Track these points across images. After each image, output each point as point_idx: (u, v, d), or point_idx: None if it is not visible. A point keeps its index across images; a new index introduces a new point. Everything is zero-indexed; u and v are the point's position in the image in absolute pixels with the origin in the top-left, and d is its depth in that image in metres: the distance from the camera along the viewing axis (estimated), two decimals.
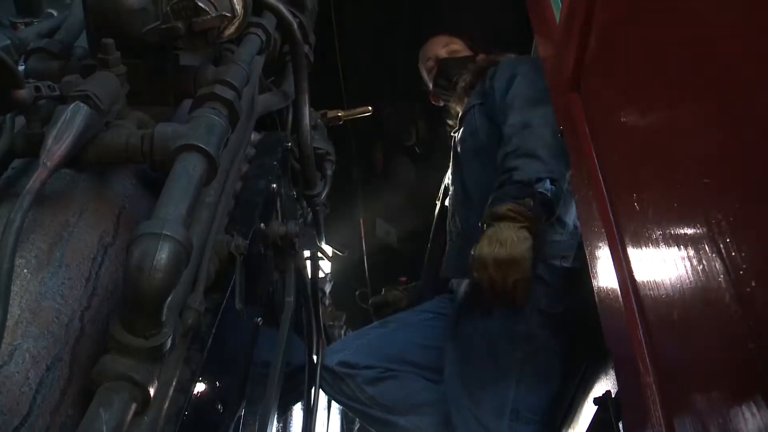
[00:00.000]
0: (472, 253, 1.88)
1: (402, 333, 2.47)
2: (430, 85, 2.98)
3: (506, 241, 1.83)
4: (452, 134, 2.74)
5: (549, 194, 1.93)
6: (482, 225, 1.95)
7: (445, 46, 2.95)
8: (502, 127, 2.18)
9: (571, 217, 2.16)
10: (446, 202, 2.82)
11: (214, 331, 1.00)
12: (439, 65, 2.90)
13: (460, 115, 2.65)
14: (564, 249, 2.08)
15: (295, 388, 2.10)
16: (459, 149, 2.56)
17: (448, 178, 2.78)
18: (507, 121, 2.15)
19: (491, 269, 1.83)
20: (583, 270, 1.78)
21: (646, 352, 0.92)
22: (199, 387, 0.94)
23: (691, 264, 0.75)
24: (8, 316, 0.68)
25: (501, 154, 2.09)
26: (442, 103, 2.95)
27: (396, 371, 2.32)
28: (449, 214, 2.64)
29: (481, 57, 2.80)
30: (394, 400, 2.28)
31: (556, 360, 2.01)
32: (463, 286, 2.33)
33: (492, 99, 2.35)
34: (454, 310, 2.35)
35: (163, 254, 0.73)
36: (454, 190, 2.58)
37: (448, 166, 2.82)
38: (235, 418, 1.19)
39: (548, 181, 1.93)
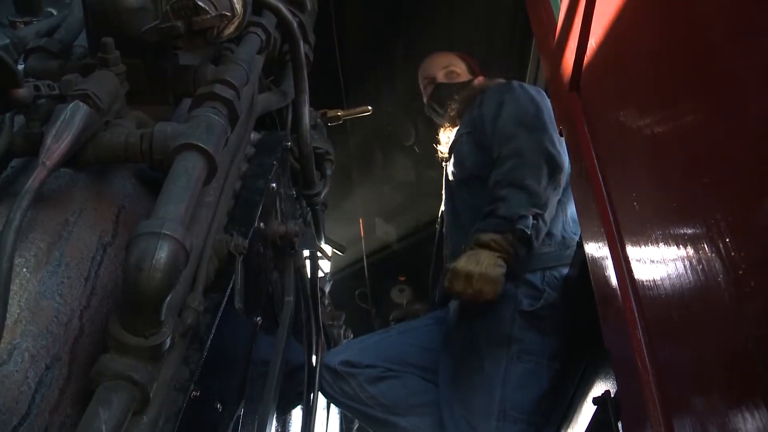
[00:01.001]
0: (448, 266, 2.03)
1: (404, 336, 2.51)
2: (425, 100, 3.01)
3: (483, 262, 2.00)
4: (443, 163, 2.77)
5: (528, 231, 2.03)
6: (464, 248, 2.09)
7: (443, 68, 2.92)
8: (495, 152, 2.24)
9: (559, 228, 2.19)
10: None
11: (213, 330, 1.00)
12: (434, 90, 2.91)
13: (450, 143, 2.67)
14: (552, 260, 2.12)
15: (295, 389, 2.11)
16: (450, 177, 2.60)
17: (443, 204, 2.80)
18: (502, 146, 2.21)
19: (461, 282, 2.01)
20: (579, 275, 1.79)
21: (645, 351, 0.92)
22: (199, 386, 0.94)
23: (691, 264, 0.75)
24: (7, 315, 0.68)
25: (492, 179, 2.17)
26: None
27: (397, 371, 2.34)
28: (444, 239, 2.68)
29: (475, 82, 2.81)
30: (394, 399, 2.30)
31: (542, 361, 2.03)
32: (456, 302, 2.37)
33: (481, 126, 2.38)
34: (448, 321, 2.38)
35: (162, 253, 0.73)
36: (447, 216, 2.64)
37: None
38: (234, 418, 1.19)
39: (530, 218, 2.02)
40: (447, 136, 2.74)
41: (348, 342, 2.86)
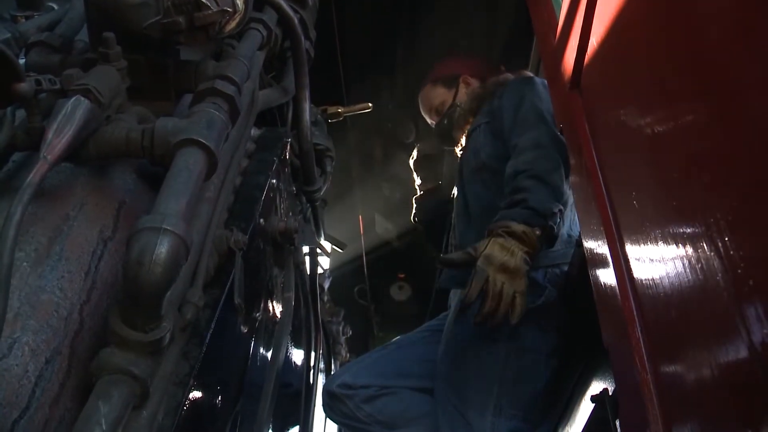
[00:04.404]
0: (478, 250, 1.90)
1: (400, 352, 2.54)
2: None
3: (516, 255, 1.87)
4: (459, 152, 2.77)
5: (555, 229, 1.98)
6: (489, 232, 1.97)
7: (430, 110, 2.96)
8: (513, 141, 2.20)
9: (566, 225, 2.18)
10: None
11: (213, 325, 1.00)
12: (437, 134, 2.96)
13: (467, 132, 2.67)
14: (557, 258, 2.10)
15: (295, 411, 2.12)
16: (463, 165, 2.59)
17: (455, 193, 2.80)
18: (521, 136, 2.17)
19: (494, 269, 1.86)
20: (579, 273, 1.79)
21: (643, 350, 0.93)
22: (198, 381, 0.95)
23: (690, 262, 0.75)
24: (8, 309, 0.68)
25: (511, 168, 2.11)
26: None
27: (392, 388, 2.37)
28: (451, 227, 2.67)
29: (463, 87, 2.82)
30: (391, 415, 2.33)
31: (540, 358, 2.03)
32: (458, 296, 2.36)
33: (500, 117, 2.37)
34: (448, 317, 2.38)
35: (162, 248, 0.73)
36: (456, 204, 2.62)
37: (447, 164, 2.84)
38: (233, 413, 1.20)
39: (558, 215, 1.98)
40: (461, 137, 2.74)
41: (348, 364, 2.88)
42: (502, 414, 1.99)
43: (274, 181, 1.43)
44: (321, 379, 2.75)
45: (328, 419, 2.68)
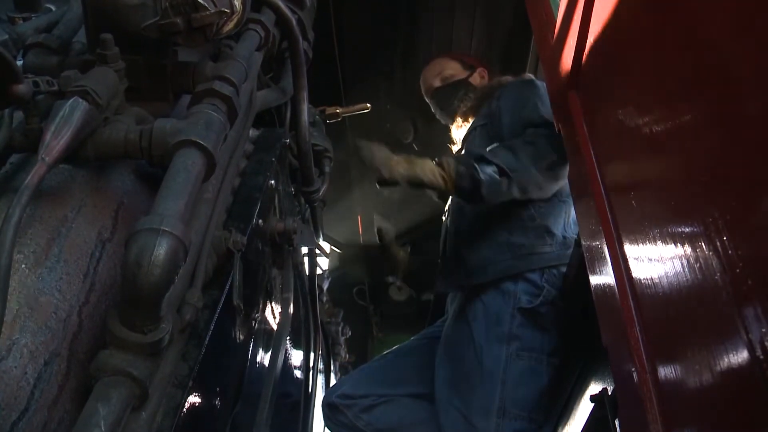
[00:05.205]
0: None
1: (398, 360, 2.57)
2: (433, 110, 3.02)
3: (416, 164, 2.02)
4: (455, 152, 2.78)
5: (479, 174, 2.00)
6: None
7: (438, 75, 2.95)
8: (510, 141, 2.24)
9: (560, 228, 2.19)
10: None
11: (212, 326, 1.00)
12: (434, 96, 2.94)
13: (464, 135, 2.67)
14: (552, 259, 2.11)
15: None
16: None
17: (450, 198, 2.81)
18: (520, 135, 2.22)
19: (389, 167, 2.01)
20: (577, 273, 1.79)
21: (642, 349, 0.93)
22: (197, 383, 0.94)
23: (688, 262, 0.75)
24: (6, 311, 0.68)
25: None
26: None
27: (389, 396, 2.40)
28: (446, 229, 2.69)
29: (479, 77, 2.83)
30: (389, 423, 2.36)
31: (542, 358, 2.04)
32: (456, 301, 2.37)
33: (498, 118, 2.38)
34: (446, 322, 2.39)
35: (161, 250, 0.73)
36: (451, 206, 2.62)
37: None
38: (232, 415, 1.19)
39: (495, 167, 2.00)
40: (460, 133, 2.74)
41: (347, 375, 2.90)
42: (507, 415, 1.99)
43: (273, 182, 1.43)
44: (320, 380, 2.75)
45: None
